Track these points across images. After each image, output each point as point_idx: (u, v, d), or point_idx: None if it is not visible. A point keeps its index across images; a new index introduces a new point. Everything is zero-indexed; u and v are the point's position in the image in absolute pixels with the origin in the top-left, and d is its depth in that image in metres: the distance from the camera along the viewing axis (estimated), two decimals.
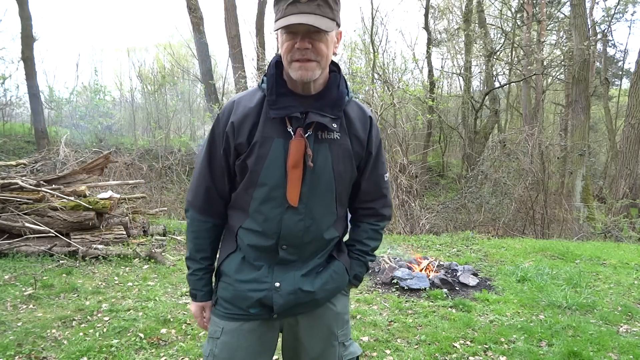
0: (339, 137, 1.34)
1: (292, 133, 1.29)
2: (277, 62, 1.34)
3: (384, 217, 1.56)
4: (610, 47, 21.59)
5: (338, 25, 1.27)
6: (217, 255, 1.49)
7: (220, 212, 1.45)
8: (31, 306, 3.79)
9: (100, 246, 5.39)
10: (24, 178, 6.11)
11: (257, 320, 1.40)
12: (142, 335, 3.22)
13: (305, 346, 1.46)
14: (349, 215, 1.56)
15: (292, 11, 1.19)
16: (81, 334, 3.22)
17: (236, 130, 1.31)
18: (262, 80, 1.35)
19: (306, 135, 1.29)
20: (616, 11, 18.91)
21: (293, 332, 1.46)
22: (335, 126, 1.33)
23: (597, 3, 17.41)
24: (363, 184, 1.47)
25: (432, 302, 3.99)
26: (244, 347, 1.40)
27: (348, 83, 1.42)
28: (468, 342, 3.20)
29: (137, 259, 5.22)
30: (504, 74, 18.07)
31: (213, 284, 1.50)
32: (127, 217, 6.26)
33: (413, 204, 9.76)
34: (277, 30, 1.22)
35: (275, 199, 1.31)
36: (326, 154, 1.32)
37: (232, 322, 1.40)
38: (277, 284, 1.35)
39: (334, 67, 1.36)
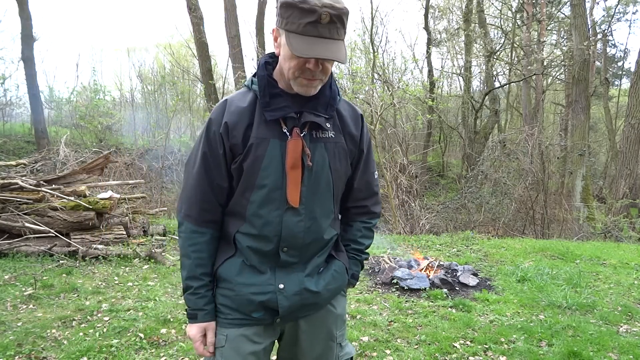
0: (333, 136, 1.34)
1: (288, 133, 1.27)
2: (267, 63, 1.33)
3: (375, 215, 1.56)
4: (610, 47, 21.61)
5: None
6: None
7: (218, 222, 1.38)
8: (31, 306, 3.79)
9: (100, 246, 5.39)
10: (24, 178, 6.11)
11: (260, 325, 1.37)
12: (142, 335, 3.22)
13: (305, 349, 1.45)
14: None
15: (311, 32, 1.15)
16: (81, 334, 3.23)
17: (230, 131, 1.27)
18: (252, 81, 1.34)
19: (302, 135, 1.28)
20: (616, 11, 18.93)
21: (293, 335, 1.44)
22: (329, 125, 1.33)
23: (597, 3, 17.42)
24: (356, 182, 1.47)
25: (432, 302, 3.99)
26: (249, 354, 1.36)
27: (336, 83, 1.42)
28: (468, 342, 3.20)
29: (137, 259, 5.22)
30: (504, 74, 18.10)
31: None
32: (127, 217, 6.26)
33: (413, 204, 9.77)
34: (299, 55, 1.16)
35: (274, 200, 1.28)
36: (322, 152, 1.31)
37: (235, 329, 1.36)
38: (281, 286, 1.33)
39: None
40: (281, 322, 1.39)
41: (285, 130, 1.27)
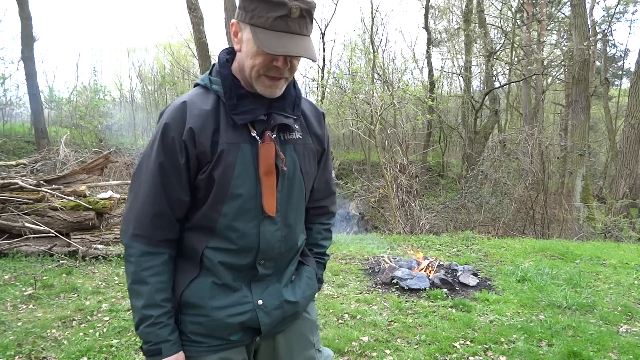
0: (301, 137, 1.28)
1: (258, 137, 1.18)
2: (226, 60, 1.21)
3: (332, 215, 1.52)
4: (610, 47, 21.61)
5: None
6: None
7: (175, 240, 1.22)
8: (31, 306, 3.79)
9: (100, 246, 5.39)
10: (24, 178, 6.11)
11: (239, 347, 1.26)
12: None
13: None
14: None
15: (281, 27, 1.07)
16: (81, 334, 3.23)
17: (196, 137, 1.13)
18: (210, 80, 1.20)
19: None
20: (616, 11, 18.92)
21: (270, 352, 1.34)
22: (297, 126, 1.27)
23: (597, 3, 17.41)
24: (316, 182, 1.40)
25: (432, 302, 3.99)
26: None
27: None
28: (468, 342, 3.20)
29: None
30: (504, 74, 18.11)
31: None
32: None
33: (413, 204, 9.77)
34: (270, 52, 1.07)
35: (249, 211, 1.18)
36: (292, 155, 1.24)
37: (211, 356, 1.23)
38: (260, 302, 1.23)
39: None
40: (261, 340, 1.30)
41: (254, 134, 1.18)
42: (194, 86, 1.25)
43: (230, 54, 1.23)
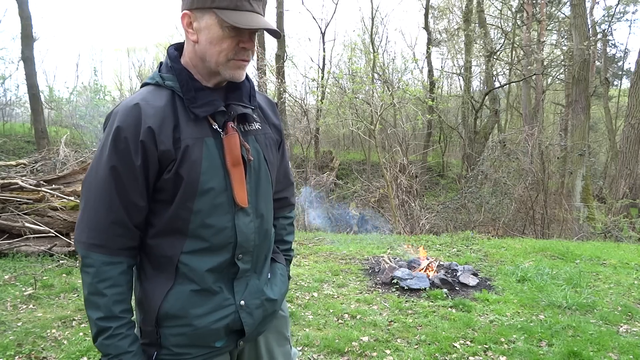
0: (260, 127, 1.29)
1: (220, 129, 1.18)
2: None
3: (293, 206, 1.53)
4: (611, 47, 21.61)
5: None
6: (145, 298, 1.21)
7: (135, 248, 1.18)
8: (31, 306, 3.79)
9: None
10: (24, 178, 6.11)
11: (223, 354, 1.25)
12: None
13: None
14: None
15: (246, 7, 1.10)
16: (81, 334, 3.22)
17: (157, 136, 1.10)
18: (162, 77, 1.18)
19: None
20: (616, 11, 18.92)
21: (254, 353, 1.36)
22: (256, 116, 1.29)
23: (597, 3, 17.42)
24: (276, 173, 1.40)
25: (432, 302, 3.99)
26: None
27: None
28: (468, 342, 3.20)
29: None
30: (504, 74, 18.11)
31: (153, 335, 1.20)
32: None
33: (413, 204, 9.78)
34: (245, 26, 1.09)
35: (222, 204, 1.17)
36: (255, 146, 1.25)
37: None
38: (242, 302, 1.22)
39: None
40: (243, 344, 1.28)
41: (216, 127, 1.17)
42: (142, 86, 1.21)
43: (178, 49, 1.23)
